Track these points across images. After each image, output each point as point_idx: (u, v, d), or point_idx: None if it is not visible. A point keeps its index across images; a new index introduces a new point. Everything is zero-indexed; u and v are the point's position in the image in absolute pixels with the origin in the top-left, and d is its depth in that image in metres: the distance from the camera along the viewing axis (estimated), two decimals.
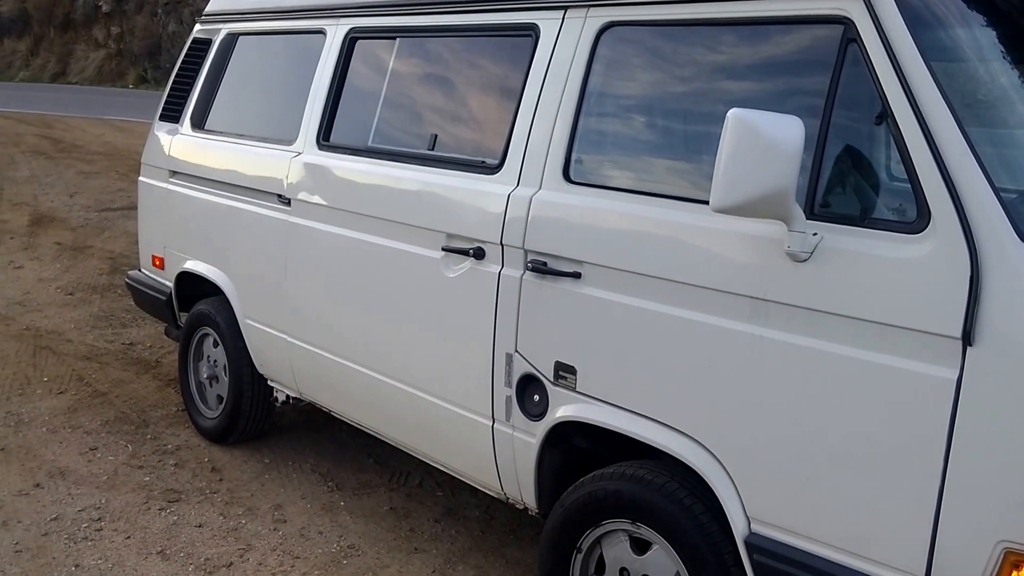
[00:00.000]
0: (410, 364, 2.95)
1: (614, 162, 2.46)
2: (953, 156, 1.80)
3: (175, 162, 4.13)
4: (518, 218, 2.56)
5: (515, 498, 2.76)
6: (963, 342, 1.77)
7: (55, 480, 3.63)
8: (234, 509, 3.46)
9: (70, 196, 9.62)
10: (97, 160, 12.05)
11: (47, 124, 15.84)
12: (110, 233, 8.11)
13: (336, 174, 3.23)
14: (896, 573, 1.90)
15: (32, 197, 9.49)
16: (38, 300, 6.04)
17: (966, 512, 1.79)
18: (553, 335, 2.50)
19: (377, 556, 3.18)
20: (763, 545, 2.09)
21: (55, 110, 18.21)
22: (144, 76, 27.66)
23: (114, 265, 6.98)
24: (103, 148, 13.21)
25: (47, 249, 7.44)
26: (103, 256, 7.30)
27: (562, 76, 2.54)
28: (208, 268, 3.89)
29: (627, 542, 2.42)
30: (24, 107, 18.40)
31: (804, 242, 1.94)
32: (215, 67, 4.07)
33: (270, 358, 3.64)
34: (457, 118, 3.00)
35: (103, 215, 8.80)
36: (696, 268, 2.17)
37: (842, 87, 1.98)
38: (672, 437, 2.25)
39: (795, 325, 2.00)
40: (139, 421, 4.21)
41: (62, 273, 6.75)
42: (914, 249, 1.84)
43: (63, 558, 3.09)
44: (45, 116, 17.08)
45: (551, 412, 2.53)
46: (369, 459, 3.92)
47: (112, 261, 7.12)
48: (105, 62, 29.15)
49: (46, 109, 18.29)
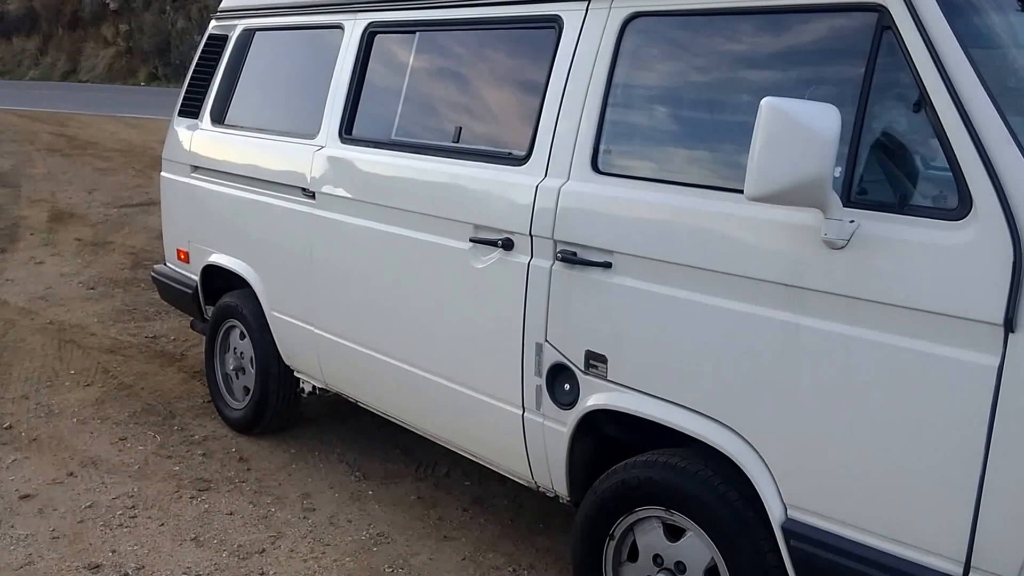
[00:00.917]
0: (439, 354, 2.97)
1: (643, 152, 2.46)
2: (994, 142, 1.80)
3: (197, 157, 4.16)
4: (547, 209, 2.57)
5: (546, 487, 2.78)
6: (1005, 329, 1.77)
7: (88, 469, 3.69)
8: (263, 498, 3.50)
9: (88, 193, 9.69)
10: (113, 157, 12.12)
11: (60, 122, 15.92)
12: (130, 229, 8.17)
13: (360, 167, 3.25)
14: (936, 559, 1.90)
15: (50, 194, 9.56)
16: (60, 295, 6.10)
17: (1007, 498, 1.80)
18: (584, 324, 2.51)
19: (407, 543, 3.21)
20: (800, 531, 2.10)
21: (68, 108, 18.31)
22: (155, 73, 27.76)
23: (136, 260, 7.04)
24: (118, 145, 13.28)
25: (67, 245, 7.50)
26: (124, 251, 7.35)
27: (587, 67, 2.54)
28: (234, 261, 3.92)
29: (660, 529, 2.44)
30: (36, 105, 18.52)
31: (841, 229, 1.94)
32: (232, 63, 4.10)
33: (297, 350, 3.67)
34: (481, 110, 3.01)
35: (122, 211, 8.86)
36: (729, 256, 2.17)
37: (878, 74, 1.98)
38: (706, 425, 2.27)
39: (832, 312, 2.00)
40: (166, 412, 4.26)
41: (83, 268, 6.80)
42: (955, 236, 1.84)
43: (100, 544, 3.15)
44: (58, 114, 17.18)
45: (582, 401, 2.54)
46: (396, 449, 3.95)
47: (134, 256, 7.17)
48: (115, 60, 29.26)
49: (58, 107, 18.40)
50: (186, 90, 4.34)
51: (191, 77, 4.33)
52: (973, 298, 1.80)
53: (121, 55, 29.14)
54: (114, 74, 28.99)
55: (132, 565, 3.03)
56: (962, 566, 1.87)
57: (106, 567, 3.03)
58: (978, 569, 1.85)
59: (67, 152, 12.49)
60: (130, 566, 3.02)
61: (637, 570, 2.51)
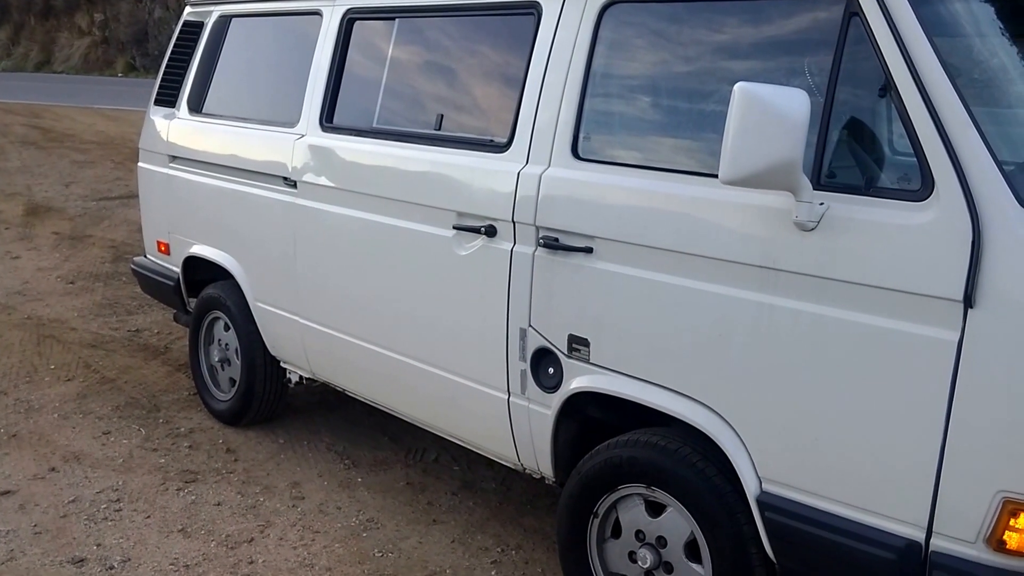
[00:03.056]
0: (424, 341, 3.01)
1: (622, 138, 2.50)
2: (955, 126, 1.86)
3: (175, 147, 4.13)
4: (529, 195, 2.60)
5: (532, 468, 2.84)
6: (964, 305, 1.85)
7: (70, 464, 3.68)
8: (251, 488, 3.53)
9: (65, 186, 9.61)
10: (91, 149, 12.01)
11: (35, 114, 15.74)
12: (110, 222, 8.12)
13: (342, 156, 3.25)
14: (901, 525, 1.99)
15: (25, 187, 9.47)
16: (38, 289, 6.06)
17: (967, 466, 1.88)
18: (566, 309, 2.56)
19: (396, 528, 3.26)
20: (774, 503, 2.18)
21: (42, 100, 18.08)
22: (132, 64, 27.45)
23: (116, 254, 7.00)
24: (96, 137, 13.16)
25: (45, 239, 7.44)
26: (104, 245, 7.31)
27: (566, 54, 2.57)
28: (216, 252, 3.92)
29: (642, 506, 2.50)
30: (9, 97, 18.28)
31: (811, 212, 2.00)
32: (209, 50, 4.07)
33: (282, 340, 3.69)
34: (462, 98, 3.02)
35: (101, 204, 8.80)
36: (706, 240, 2.22)
37: (845, 61, 2.03)
38: (685, 404, 2.33)
39: (803, 292, 2.07)
40: (150, 406, 4.26)
41: (62, 262, 6.76)
42: (918, 216, 1.91)
43: (84, 538, 3.14)
44: (32, 106, 16.97)
45: (566, 384, 2.59)
46: (384, 436, 3.99)
47: (114, 250, 7.14)
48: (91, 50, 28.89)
49: (32, 99, 18.17)
50: (161, 78, 4.31)
51: (166, 65, 4.30)
52: (935, 276, 1.88)
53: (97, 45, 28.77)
54: (90, 65, 28.63)
55: (118, 558, 3.03)
56: (924, 531, 1.96)
57: (91, 561, 3.01)
58: (940, 534, 1.94)
59: (42, 144, 12.36)
60: (116, 559, 3.02)
61: (620, 546, 2.57)
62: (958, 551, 1.92)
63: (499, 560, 3.08)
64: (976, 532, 1.89)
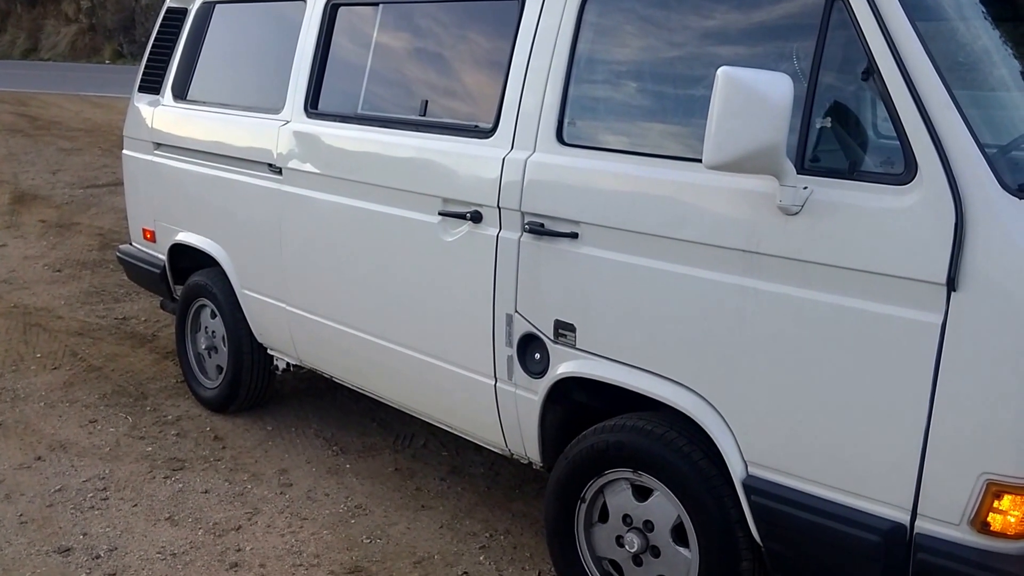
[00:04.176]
0: (410, 328, 3.00)
1: (606, 123, 2.50)
2: (937, 109, 1.87)
3: (159, 134, 4.11)
4: (514, 181, 2.60)
5: (519, 454, 2.84)
6: (947, 288, 1.85)
7: (56, 453, 3.66)
8: (239, 475, 3.52)
9: (52, 174, 9.55)
10: (78, 137, 11.93)
11: (21, 101, 15.62)
12: (97, 209, 8.07)
13: (327, 142, 3.24)
14: (887, 508, 2.00)
15: (12, 175, 9.41)
16: (25, 278, 6.02)
17: (950, 447, 1.90)
18: (552, 294, 2.55)
19: (385, 514, 3.26)
20: (760, 487, 2.18)
21: (29, 87, 17.93)
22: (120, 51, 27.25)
23: (104, 241, 6.96)
24: (83, 124, 13.06)
25: (31, 227, 7.39)
26: (92, 233, 7.27)
27: (551, 39, 2.56)
28: (202, 239, 3.90)
29: (629, 490, 2.50)
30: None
31: (795, 196, 2.01)
32: (193, 36, 4.04)
33: (269, 327, 3.68)
34: (447, 83, 3.01)
35: (88, 192, 8.74)
36: (690, 224, 2.22)
37: (829, 45, 2.03)
38: (670, 388, 2.33)
39: (787, 277, 2.07)
40: (137, 394, 4.25)
41: (48, 250, 6.72)
42: (901, 200, 1.91)
43: (70, 527, 3.13)
44: (18, 93, 16.84)
45: (552, 369, 2.59)
46: (373, 423, 3.99)
47: (102, 238, 7.10)
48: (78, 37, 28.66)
49: (19, 86, 18.01)
50: (145, 65, 4.29)
51: (150, 52, 4.28)
52: (918, 259, 1.88)
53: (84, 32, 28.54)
54: (77, 52, 28.41)
55: (104, 547, 3.01)
56: (909, 514, 1.97)
57: (77, 550, 3.00)
58: (924, 516, 1.95)
59: (29, 132, 12.27)
60: (102, 548, 3.00)
61: (608, 531, 2.58)
62: (943, 533, 1.93)
63: (487, 545, 3.08)
64: (960, 514, 1.90)
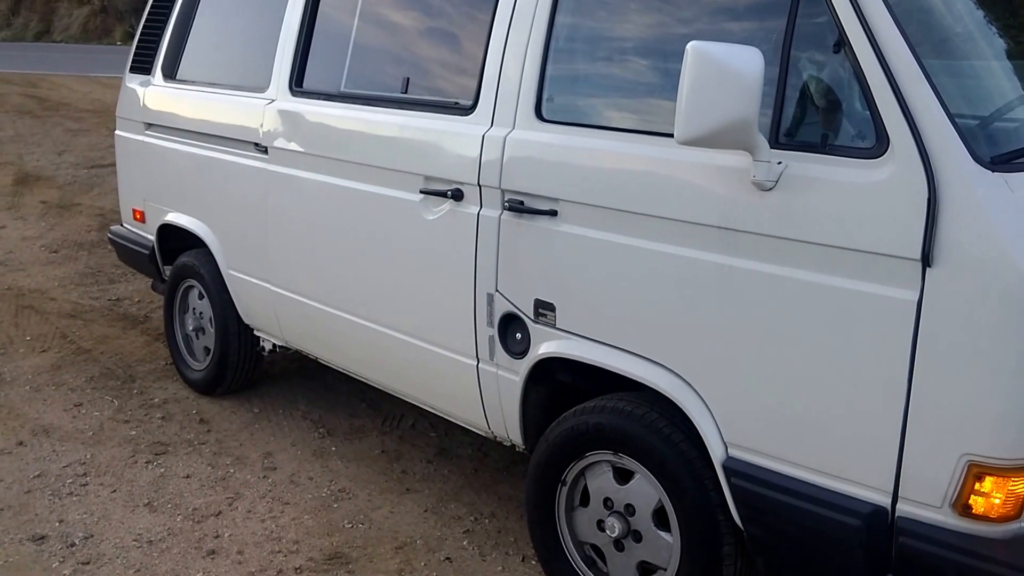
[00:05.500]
0: (393, 308, 2.96)
1: (585, 99, 2.46)
2: (908, 81, 1.83)
3: (150, 113, 4.09)
4: (494, 158, 2.56)
5: (502, 436, 2.79)
6: (922, 263, 1.81)
7: (39, 438, 3.62)
8: (222, 459, 3.48)
9: (58, 154, 9.54)
10: (86, 117, 11.91)
11: (32, 83, 15.62)
12: (100, 190, 8.05)
13: (311, 120, 3.21)
14: (867, 490, 1.95)
15: (17, 156, 9.41)
16: (21, 259, 6.00)
17: (930, 428, 1.85)
18: (532, 273, 2.51)
19: (368, 498, 3.22)
20: (740, 469, 2.14)
21: (40, 69, 17.94)
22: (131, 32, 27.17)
23: (104, 222, 6.94)
24: (92, 105, 13.05)
25: (32, 208, 7.39)
26: (92, 213, 7.26)
27: (528, 14, 2.52)
28: (189, 220, 3.87)
29: (610, 473, 2.46)
30: (7, 67, 18.12)
31: (769, 171, 1.96)
32: (183, 15, 4.02)
33: (255, 308, 3.65)
34: (429, 60, 2.98)
35: (92, 172, 8.73)
36: (666, 201, 2.18)
37: (800, 17, 1.99)
38: (649, 368, 2.29)
39: (762, 253, 2.03)
40: (125, 376, 4.21)
41: (47, 231, 6.71)
42: (874, 174, 1.87)
43: (46, 514, 3.08)
44: (30, 75, 16.84)
45: (533, 349, 2.55)
46: (362, 404, 3.95)
47: (102, 218, 7.08)
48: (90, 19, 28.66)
49: (30, 68, 18.02)
50: (137, 44, 4.27)
51: (141, 31, 4.26)
52: (892, 234, 1.84)
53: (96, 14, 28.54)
54: (89, 34, 28.42)
55: (80, 534, 2.97)
56: (890, 496, 1.92)
57: (52, 538, 2.95)
58: (906, 499, 1.90)
59: (38, 114, 12.27)
60: (78, 535, 2.96)
61: (589, 514, 2.54)
62: (925, 516, 1.89)
63: (472, 529, 3.04)
64: (942, 497, 1.86)
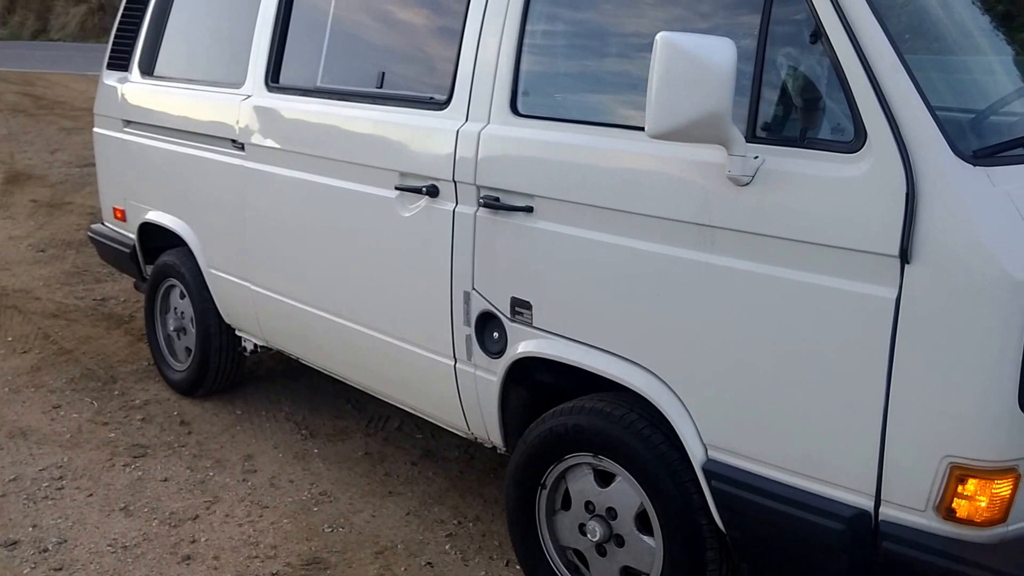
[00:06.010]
0: (370, 307, 2.91)
1: (560, 93, 2.41)
2: (886, 73, 1.77)
3: (128, 110, 4.03)
4: (468, 154, 2.51)
5: (482, 438, 2.74)
6: (901, 260, 1.75)
7: (15, 441, 3.56)
8: (202, 462, 3.42)
9: (50, 153, 9.49)
10: (80, 116, 11.84)
11: (28, 82, 15.57)
12: (92, 188, 7.94)
13: (287, 116, 3.16)
14: (849, 493, 1.89)
15: (8, 155, 9.35)
16: (6, 258, 5.92)
17: (911, 429, 1.79)
18: (508, 271, 2.46)
19: (350, 502, 3.16)
20: (721, 472, 2.08)
21: (37, 67, 17.88)
22: None
23: (93, 220, 6.85)
24: (87, 104, 12.90)
25: (21, 207, 7.33)
26: (82, 212, 7.20)
27: (502, 8, 2.47)
28: (169, 218, 3.82)
29: (591, 475, 2.40)
30: (3, 65, 18.06)
31: (745, 166, 1.90)
32: (159, 10, 3.97)
33: (235, 307, 3.59)
34: (403, 54, 2.94)
35: (84, 170, 8.67)
36: (642, 197, 2.12)
37: (776, 9, 1.93)
38: (626, 368, 2.23)
39: (739, 250, 1.97)
40: (106, 377, 4.15)
41: (35, 230, 6.65)
42: (851, 168, 1.81)
43: (20, 519, 3.02)
44: (26, 74, 16.78)
45: (510, 349, 2.49)
46: (347, 405, 3.89)
47: (92, 216, 7.00)
48: (87, 18, 28.60)
49: (27, 67, 17.95)
50: (114, 41, 4.21)
51: (117, 27, 4.21)
52: (870, 230, 1.78)
53: (93, 12, 28.47)
54: (87, 32, 28.35)
55: (53, 539, 2.90)
56: (873, 500, 1.86)
57: (24, 543, 2.88)
58: (889, 502, 1.85)
59: (32, 112, 12.22)
60: (51, 540, 2.90)
61: (570, 518, 2.48)
62: (909, 520, 1.83)
63: (455, 533, 2.98)
64: (925, 500, 1.80)
